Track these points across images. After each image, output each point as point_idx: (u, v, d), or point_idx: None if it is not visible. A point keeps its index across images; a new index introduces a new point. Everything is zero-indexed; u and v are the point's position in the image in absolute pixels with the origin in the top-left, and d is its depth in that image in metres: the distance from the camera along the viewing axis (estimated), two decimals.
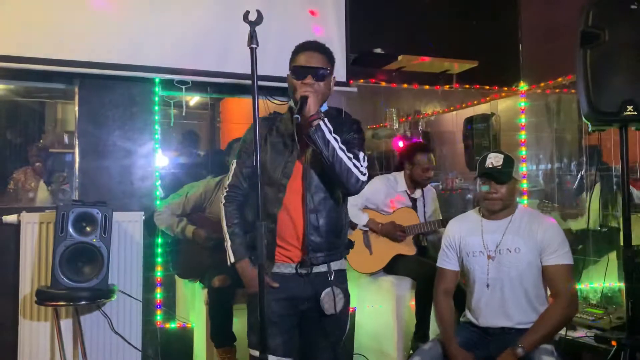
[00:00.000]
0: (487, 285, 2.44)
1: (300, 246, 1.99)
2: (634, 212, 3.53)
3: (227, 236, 2.03)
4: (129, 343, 3.20)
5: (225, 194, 2.07)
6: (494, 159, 2.44)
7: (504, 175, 2.42)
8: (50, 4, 3.20)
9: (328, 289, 1.99)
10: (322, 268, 2.02)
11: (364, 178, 1.98)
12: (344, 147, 1.93)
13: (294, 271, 2.00)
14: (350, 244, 2.15)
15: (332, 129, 1.93)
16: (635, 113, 2.28)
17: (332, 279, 2.01)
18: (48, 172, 4.36)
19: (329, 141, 1.90)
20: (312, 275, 2.00)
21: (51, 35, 3.18)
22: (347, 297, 2.07)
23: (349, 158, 1.94)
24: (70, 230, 2.84)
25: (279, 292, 1.98)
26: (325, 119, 1.91)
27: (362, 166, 1.98)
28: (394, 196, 3.55)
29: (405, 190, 3.58)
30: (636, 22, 2.33)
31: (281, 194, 1.98)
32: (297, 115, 1.85)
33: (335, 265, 2.04)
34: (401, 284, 3.37)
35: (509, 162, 2.45)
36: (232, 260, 2.01)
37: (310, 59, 1.99)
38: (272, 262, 2.00)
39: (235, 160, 2.08)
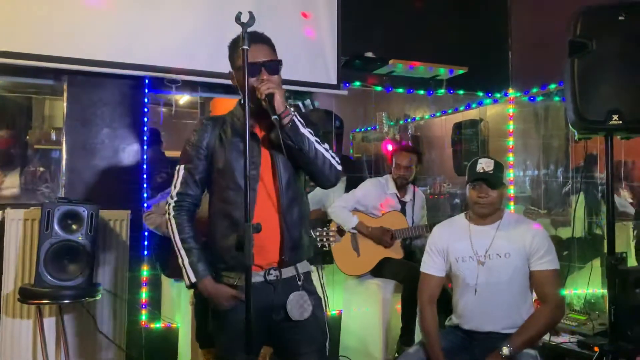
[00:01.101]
0: (476, 291, 2.44)
1: (278, 246, 1.85)
2: (618, 219, 3.58)
3: (182, 252, 1.84)
4: (113, 342, 3.18)
5: (172, 203, 1.88)
6: (485, 164, 2.45)
7: (496, 179, 2.44)
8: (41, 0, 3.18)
9: (293, 294, 1.85)
10: (290, 272, 1.88)
11: (339, 167, 1.90)
12: (318, 139, 1.83)
13: (263, 279, 1.84)
14: (317, 238, 2.08)
15: (303, 122, 1.81)
16: (621, 122, 2.31)
17: (301, 282, 1.88)
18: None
19: (304, 135, 1.79)
20: (281, 282, 1.86)
21: (41, 31, 3.16)
22: (317, 299, 1.93)
23: (326, 150, 1.85)
24: (56, 227, 2.82)
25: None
26: (296, 113, 1.79)
27: (335, 156, 1.89)
28: (384, 199, 3.57)
29: (395, 193, 3.60)
30: (623, 33, 2.36)
31: (252, 199, 1.78)
32: (275, 116, 1.72)
33: (302, 268, 1.92)
34: (388, 287, 3.38)
35: (500, 167, 2.47)
36: (193, 280, 1.82)
37: (257, 52, 1.79)
38: (239, 273, 1.81)
39: (183, 166, 1.88)
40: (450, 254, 2.53)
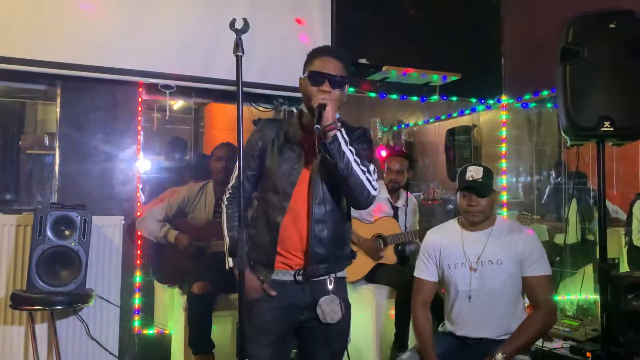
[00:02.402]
0: (469, 297, 2.45)
1: (303, 256, 1.92)
2: (610, 225, 3.60)
3: (226, 239, 1.97)
4: (106, 349, 3.16)
5: (227, 195, 2.02)
6: (474, 172, 2.46)
7: (485, 187, 2.45)
8: (34, 4, 3.17)
9: (327, 297, 1.91)
10: (323, 276, 1.95)
11: (374, 192, 1.90)
12: (358, 160, 1.85)
13: (292, 278, 1.92)
14: (353, 255, 2.09)
15: (348, 140, 1.84)
16: (612, 129, 2.34)
17: (332, 286, 1.93)
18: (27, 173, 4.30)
19: (344, 153, 1.81)
20: (310, 282, 1.92)
21: (34, 36, 3.15)
22: (347, 306, 1.99)
23: (362, 172, 1.85)
24: (49, 233, 2.81)
25: (275, 300, 1.91)
26: (342, 130, 1.83)
27: (373, 180, 1.89)
28: (376, 204, 3.56)
29: (388, 198, 3.61)
30: (615, 40, 2.39)
31: (285, 202, 1.90)
32: (317, 126, 1.76)
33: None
34: (381, 292, 3.38)
35: (489, 174, 2.47)
36: (231, 265, 1.94)
37: (327, 64, 1.88)
38: (271, 270, 1.93)
39: None
40: (442, 259, 2.53)
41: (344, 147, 1.81)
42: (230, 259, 1.94)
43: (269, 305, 1.90)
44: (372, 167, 1.90)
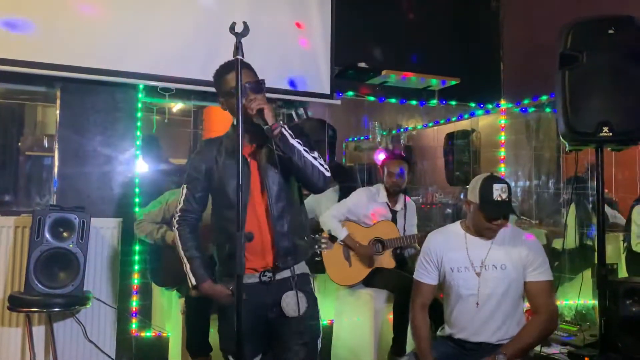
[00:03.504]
0: (472, 302, 2.44)
1: (270, 255, 2.04)
2: (609, 230, 3.61)
3: (184, 260, 2.08)
4: (103, 352, 3.15)
5: (177, 217, 2.12)
6: (502, 191, 2.36)
7: (512, 207, 2.41)
8: (35, 6, 3.17)
9: (289, 292, 2.04)
10: (285, 274, 2.07)
11: (329, 174, 2.06)
12: (307, 149, 2.01)
13: (258, 280, 2.05)
14: (314, 242, 2.25)
15: (292, 134, 1.99)
16: (611, 134, 2.34)
17: (294, 282, 2.05)
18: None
19: (293, 145, 1.96)
20: (275, 282, 2.05)
21: (34, 38, 3.15)
22: (312, 299, 2.11)
23: (314, 158, 2.01)
24: (47, 235, 2.80)
25: (246, 302, 1.93)
26: (285, 126, 1.98)
27: (324, 163, 2.05)
28: (375, 208, 3.57)
29: (386, 202, 3.60)
30: (613, 46, 2.40)
31: (244, 215, 1.93)
32: (267, 126, 1.91)
33: (298, 269, 2.10)
34: (380, 297, 3.38)
35: (511, 190, 2.42)
36: (194, 282, 2.07)
37: (242, 77, 1.94)
38: (233, 278, 1.99)
39: (186, 186, 2.12)
40: (445, 263, 2.52)
41: (291, 140, 1.97)
42: (192, 278, 2.06)
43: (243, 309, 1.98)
44: (316, 154, 2.05)
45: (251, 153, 2.06)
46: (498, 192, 2.38)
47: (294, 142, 1.97)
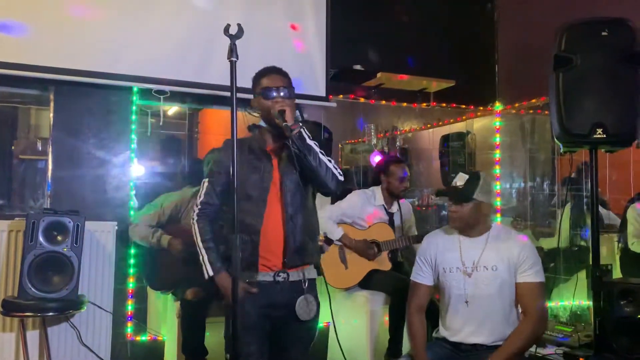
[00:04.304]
0: (464, 302, 2.45)
1: (281, 252, 2.10)
2: (603, 231, 3.62)
3: (202, 251, 2.13)
4: (98, 356, 3.14)
5: (197, 210, 2.18)
6: (458, 179, 2.51)
7: (460, 195, 2.46)
8: (28, 9, 3.16)
9: (303, 296, 2.12)
10: (297, 277, 2.14)
11: (342, 178, 2.16)
12: (322, 151, 2.10)
13: (272, 279, 2.10)
14: (322, 249, 2.29)
15: (310, 135, 2.08)
16: (605, 136, 2.35)
17: (306, 286, 2.14)
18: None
19: (310, 146, 2.06)
20: (288, 283, 2.12)
21: (27, 40, 3.13)
22: (318, 304, 2.21)
23: (329, 160, 2.11)
24: (41, 239, 2.79)
25: (258, 298, 2.08)
26: (304, 127, 2.06)
27: (337, 167, 2.15)
28: (371, 210, 3.56)
29: (383, 205, 3.60)
30: (607, 48, 2.42)
31: (262, 208, 2.09)
32: (286, 123, 2.01)
33: (308, 274, 2.18)
34: (376, 299, 3.38)
35: (473, 182, 2.47)
36: (210, 273, 2.10)
37: (274, 81, 2.14)
38: (255, 273, 2.10)
39: (208, 179, 2.20)
40: (438, 263, 2.54)
41: (308, 141, 2.06)
42: (209, 268, 2.10)
43: (252, 304, 2.06)
44: (330, 158, 2.16)
45: (275, 150, 2.16)
46: (455, 180, 2.52)
47: (311, 142, 2.07)
